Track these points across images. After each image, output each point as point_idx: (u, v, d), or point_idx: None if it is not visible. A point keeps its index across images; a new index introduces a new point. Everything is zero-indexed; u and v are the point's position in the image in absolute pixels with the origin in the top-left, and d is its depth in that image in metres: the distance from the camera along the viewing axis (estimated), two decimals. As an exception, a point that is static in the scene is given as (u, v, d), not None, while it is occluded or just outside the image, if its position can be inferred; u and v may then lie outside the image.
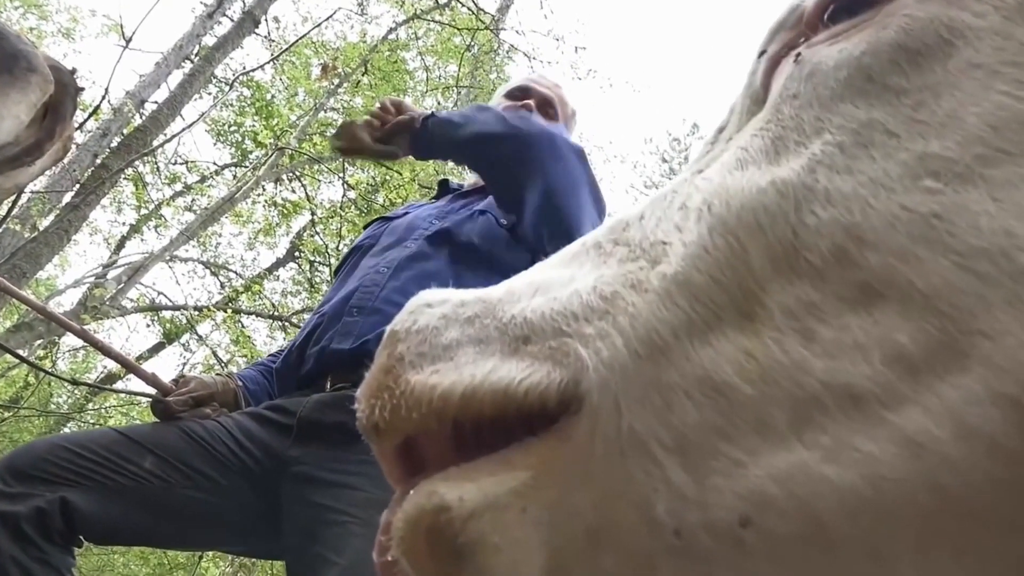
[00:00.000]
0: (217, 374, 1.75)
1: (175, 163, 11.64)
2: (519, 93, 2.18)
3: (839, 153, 0.38)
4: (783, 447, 0.32)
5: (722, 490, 0.32)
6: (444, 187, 2.25)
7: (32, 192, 7.12)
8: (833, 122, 0.40)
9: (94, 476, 1.43)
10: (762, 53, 0.52)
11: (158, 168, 10.97)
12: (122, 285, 9.77)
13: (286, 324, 10.40)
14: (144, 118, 7.74)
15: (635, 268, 0.42)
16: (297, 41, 10.54)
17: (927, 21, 0.42)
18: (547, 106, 2.16)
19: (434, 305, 0.47)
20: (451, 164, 2.34)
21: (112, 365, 10.20)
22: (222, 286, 12.23)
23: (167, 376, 1.72)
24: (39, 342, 8.82)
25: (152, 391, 1.69)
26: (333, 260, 9.31)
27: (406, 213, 2.08)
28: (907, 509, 0.29)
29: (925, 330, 0.31)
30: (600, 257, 0.45)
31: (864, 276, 0.34)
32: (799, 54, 0.47)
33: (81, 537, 1.43)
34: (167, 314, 10.87)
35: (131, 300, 10.62)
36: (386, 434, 0.43)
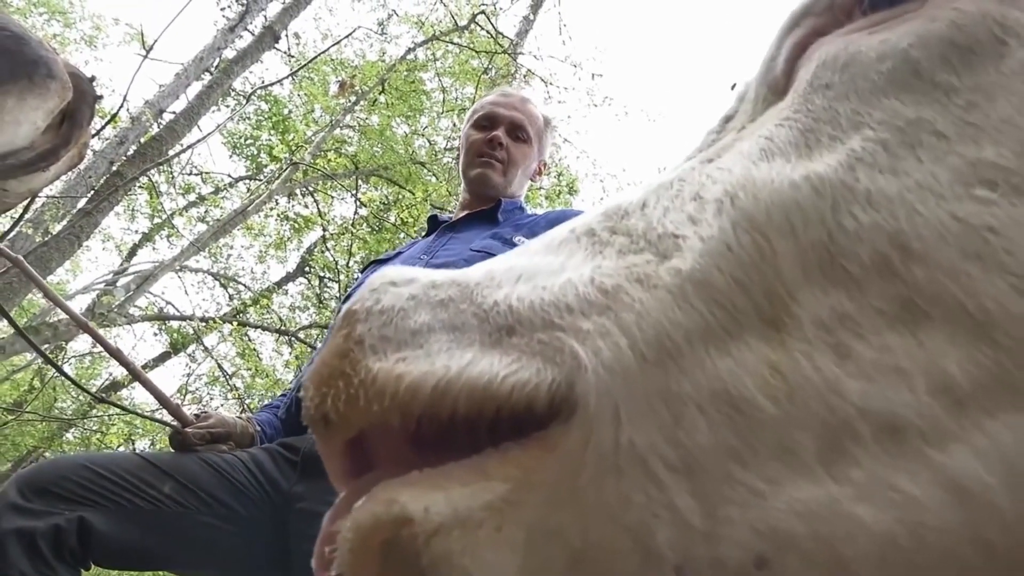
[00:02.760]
0: (238, 416, 1.75)
1: (190, 174, 11.71)
2: (486, 123, 2.12)
3: (882, 151, 0.35)
4: (809, 478, 0.28)
5: (736, 522, 0.28)
6: (433, 223, 2.20)
7: (46, 197, 7.15)
8: (874, 117, 0.37)
9: (113, 497, 1.43)
10: (783, 39, 0.48)
11: (173, 178, 11.03)
12: (131, 293, 9.78)
13: (293, 339, 10.39)
14: (161, 128, 7.78)
15: (640, 261, 0.37)
16: (316, 57, 10.63)
17: (979, 17, 0.39)
18: (517, 130, 2.11)
19: (400, 284, 0.41)
20: (462, 186, 2.27)
21: (118, 372, 10.20)
22: (231, 298, 12.26)
23: (170, 388, 1.71)
24: (45, 347, 8.81)
25: (173, 420, 1.69)
26: (343, 276, 9.33)
27: (398, 254, 2.07)
28: (948, 564, 0.26)
29: (977, 360, 0.28)
30: (595, 246, 0.40)
31: (908, 291, 0.30)
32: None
33: (91, 560, 1.41)
34: (174, 324, 10.87)
35: (139, 308, 10.64)
36: (338, 428, 0.37)
